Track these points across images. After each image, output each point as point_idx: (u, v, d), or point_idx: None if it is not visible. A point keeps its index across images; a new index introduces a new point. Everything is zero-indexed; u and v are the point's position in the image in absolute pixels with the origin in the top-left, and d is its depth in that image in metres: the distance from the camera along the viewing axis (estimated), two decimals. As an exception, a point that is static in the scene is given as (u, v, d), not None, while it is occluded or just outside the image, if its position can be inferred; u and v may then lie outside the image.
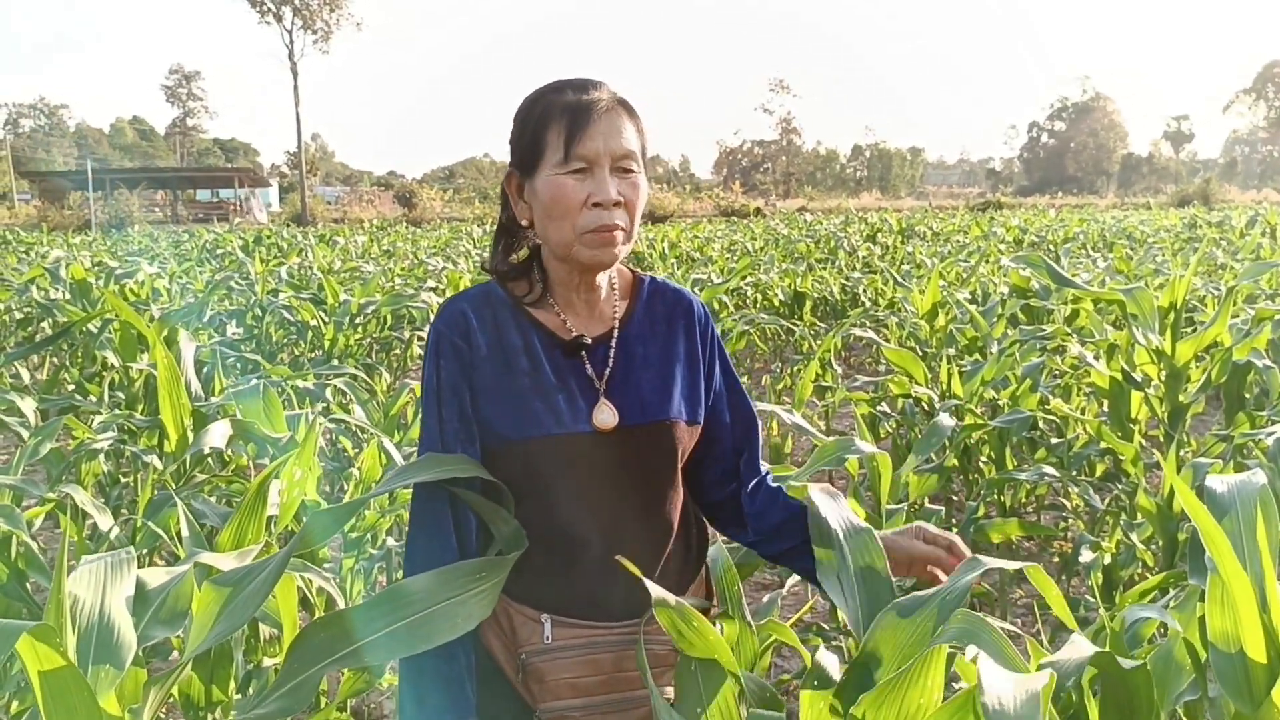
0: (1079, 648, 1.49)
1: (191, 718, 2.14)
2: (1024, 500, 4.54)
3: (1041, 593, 1.82)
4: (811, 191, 76.52)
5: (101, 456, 4.28)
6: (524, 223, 1.58)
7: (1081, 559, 3.28)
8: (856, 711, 1.31)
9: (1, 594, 3.07)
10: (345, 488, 3.82)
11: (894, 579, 1.51)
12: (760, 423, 1.78)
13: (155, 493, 3.38)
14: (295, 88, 52.04)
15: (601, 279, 1.60)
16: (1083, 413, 4.66)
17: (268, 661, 2.59)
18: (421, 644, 1.42)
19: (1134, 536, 3.36)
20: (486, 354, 1.54)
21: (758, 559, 2.04)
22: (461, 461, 1.50)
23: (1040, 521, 4.53)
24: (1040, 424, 4.52)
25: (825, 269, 11.49)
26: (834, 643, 3.15)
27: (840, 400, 4.97)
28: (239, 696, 2.33)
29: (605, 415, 1.54)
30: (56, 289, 6.77)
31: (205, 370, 5.14)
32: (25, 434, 4.19)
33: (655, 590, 1.32)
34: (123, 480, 4.74)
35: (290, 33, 51.40)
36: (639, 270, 1.71)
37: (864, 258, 13.03)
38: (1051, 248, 12.87)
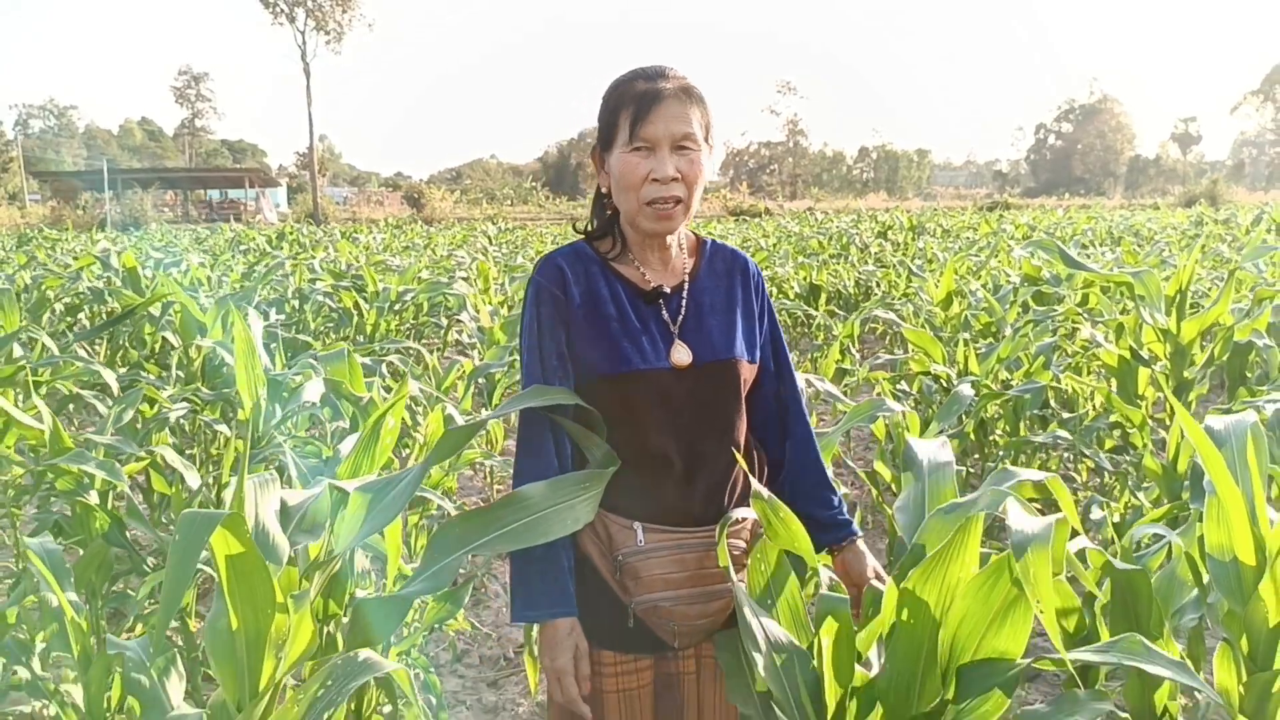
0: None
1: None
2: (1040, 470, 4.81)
3: (1058, 500, 2.11)
4: (818, 193, 76.63)
5: (167, 430, 4.57)
6: (604, 190, 1.88)
7: (1092, 516, 3.54)
8: (908, 585, 1.59)
9: (105, 541, 3.36)
10: (407, 453, 4.11)
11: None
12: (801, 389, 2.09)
13: (237, 455, 3.67)
14: (308, 88, 52.41)
15: (670, 239, 1.88)
16: (1092, 392, 4.93)
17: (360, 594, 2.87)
18: (538, 539, 1.71)
19: (1142, 497, 3.63)
20: (580, 302, 1.83)
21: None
22: (562, 393, 1.79)
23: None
24: (1052, 401, 4.79)
25: (839, 264, 11.76)
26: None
27: (861, 381, 5.23)
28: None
29: (681, 354, 1.83)
30: (109, 276, 7.07)
31: (270, 348, 5.44)
32: (99, 405, 4.48)
33: (756, 485, 1.61)
34: (186, 453, 5.03)
35: (303, 34, 51.76)
36: (699, 233, 2.00)
37: (876, 253, 13.30)
38: (1061, 243, 13.12)
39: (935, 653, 1.57)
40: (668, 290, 1.88)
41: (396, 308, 6.89)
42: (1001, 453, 3.91)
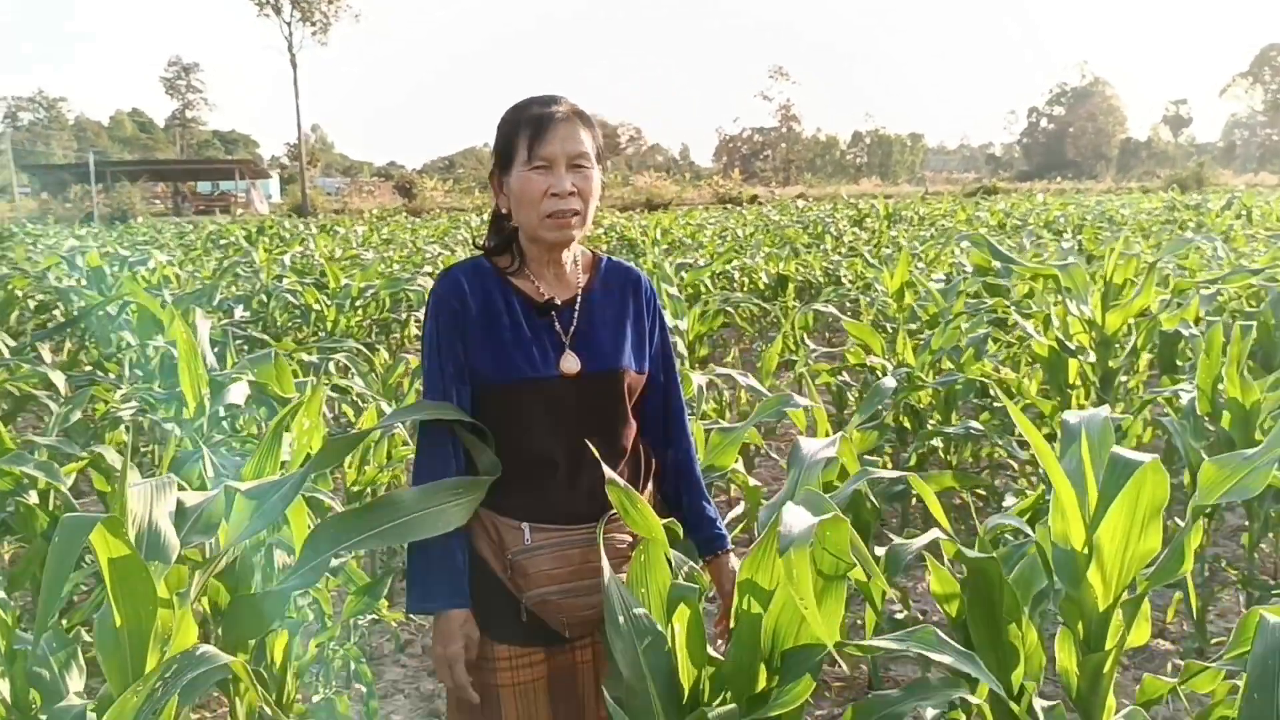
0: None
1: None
2: (971, 460, 4.94)
3: (925, 500, 2.23)
4: (811, 178, 76.54)
5: (123, 427, 4.68)
6: (504, 210, 2.00)
7: (1005, 504, 3.67)
8: (741, 575, 1.72)
9: (42, 539, 3.48)
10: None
11: None
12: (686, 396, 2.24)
13: (178, 453, 3.78)
14: (295, 80, 52.32)
15: (566, 255, 2.01)
16: (1026, 380, 5.05)
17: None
18: (408, 539, 1.84)
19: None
20: (476, 313, 1.96)
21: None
22: (446, 407, 1.93)
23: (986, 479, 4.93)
24: (990, 390, 4.90)
25: (811, 253, 11.87)
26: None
27: (807, 372, 5.35)
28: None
29: (570, 363, 1.96)
30: (72, 276, 7.17)
31: (217, 348, 5.54)
32: (53, 405, 4.59)
33: (610, 474, 1.72)
34: (142, 450, 5.14)
35: (289, 25, 51.67)
36: (598, 251, 2.14)
37: (849, 242, 13.41)
38: (1031, 230, 13.22)
39: (758, 639, 1.69)
40: (558, 303, 2.00)
41: (358, 304, 7.02)
42: (914, 444, 4.02)
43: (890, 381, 3.99)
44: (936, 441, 4.77)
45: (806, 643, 1.68)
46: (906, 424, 4.82)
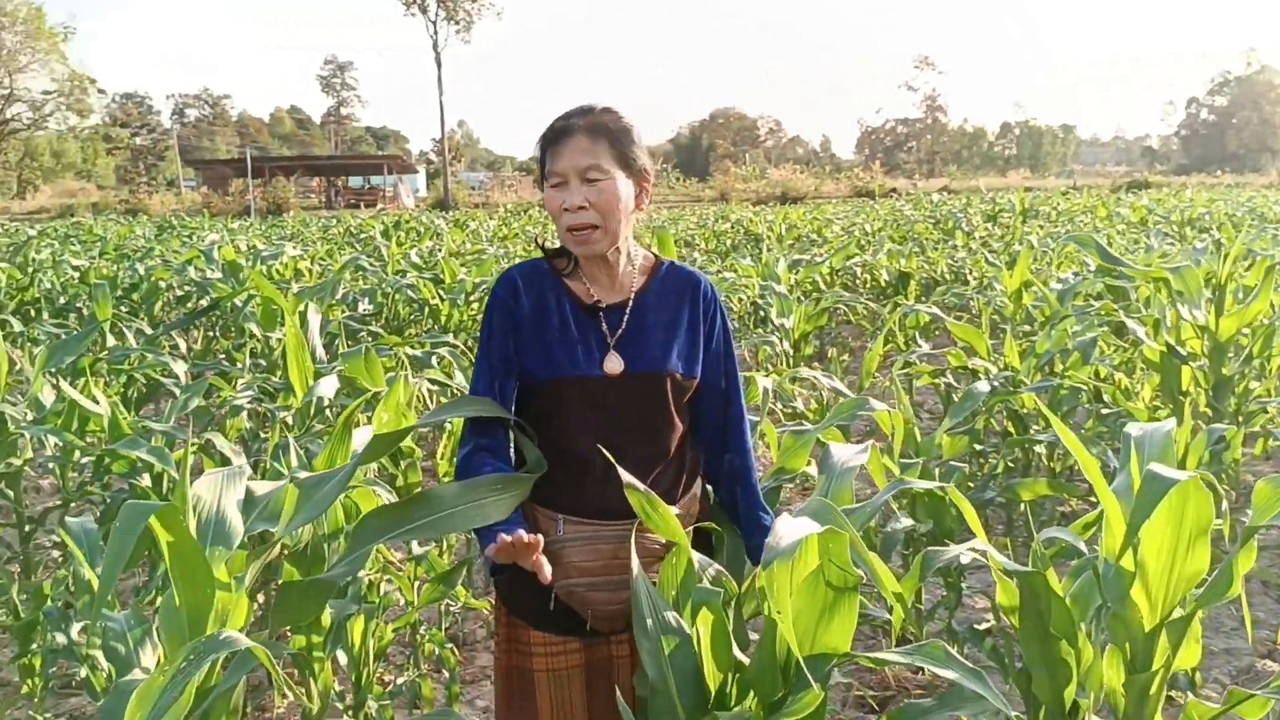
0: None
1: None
2: (1074, 466, 4.79)
3: (962, 511, 2.20)
4: (955, 171, 74.65)
5: (245, 414, 4.93)
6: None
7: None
8: (761, 581, 1.73)
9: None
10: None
11: None
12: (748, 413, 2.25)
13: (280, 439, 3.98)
14: (439, 77, 53.72)
15: (620, 259, 2.05)
16: (1140, 386, 4.87)
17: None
18: (448, 532, 1.91)
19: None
20: (528, 312, 2.03)
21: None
22: (488, 403, 2.00)
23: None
24: (1103, 396, 4.74)
25: (939, 250, 11.62)
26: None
27: (897, 374, 5.27)
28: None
29: (613, 363, 2.01)
30: (211, 269, 7.56)
31: (335, 341, 5.77)
32: (178, 392, 4.87)
33: (626, 476, 1.73)
34: (263, 436, 5.40)
35: (435, 24, 53.05)
36: (660, 255, 2.18)
37: (982, 238, 13.08)
38: (1175, 227, 12.65)
39: (774, 645, 1.70)
40: (604, 305, 2.05)
41: (473, 299, 7.20)
42: (1004, 452, 3.93)
43: (983, 385, 3.91)
44: (1041, 448, 4.64)
45: (820, 652, 1.68)
46: (1011, 429, 4.71)
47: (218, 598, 1.88)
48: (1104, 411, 4.51)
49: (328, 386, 3.32)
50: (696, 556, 1.94)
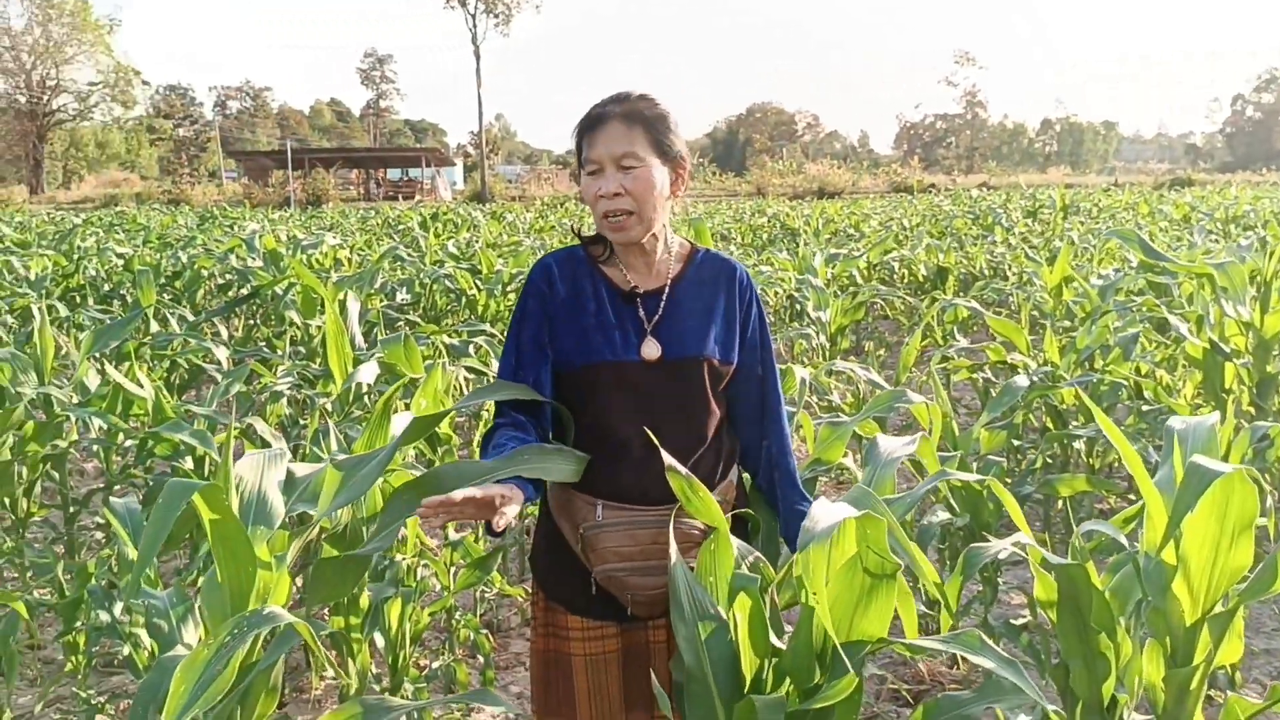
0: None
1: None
2: (1116, 463, 4.74)
3: (1006, 507, 2.19)
4: (995, 167, 73.99)
5: (285, 400, 4.99)
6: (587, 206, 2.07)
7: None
8: (797, 569, 1.73)
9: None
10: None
11: None
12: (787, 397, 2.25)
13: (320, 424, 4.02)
14: (477, 70, 53.86)
15: (657, 246, 2.06)
16: (1182, 383, 4.81)
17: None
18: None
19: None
20: (563, 298, 2.04)
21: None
22: (522, 388, 2.01)
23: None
24: (1143, 392, 4.69)
25: (978, 245, 11.54)
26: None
27: (936, 368, 5.24)
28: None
29: (650, 349, 2.02)
30: (252, 257, 7.65)
31: (374, 329, 5.82)
32: (220, 378, 4.93)
33: (668, 459, 1.73)
34: (302, 422, 5.46)
35: (474, 16, 53.22)
36: (696, 243, 2.18)
37: (1021, 234, 12.96)
38: (1219, 225, 12.48)
39: (811, 630, 1.70)
40: (641, 291, 2.06)
41: (509, 289, 7.23)
42: (1042, 447, 3.89)
43: (1022, 380, 3.88)
44: (1080, 444, 4.60)
45: (856, 638, 1.68)
46: (1050, 425, 4.67)
47: (259, 576, 1.90)
48: (1145, 408, 4.47)
49: (367, 373, 3.36)
50: (735, 542, 1.95)
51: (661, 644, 2.09)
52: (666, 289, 2.06)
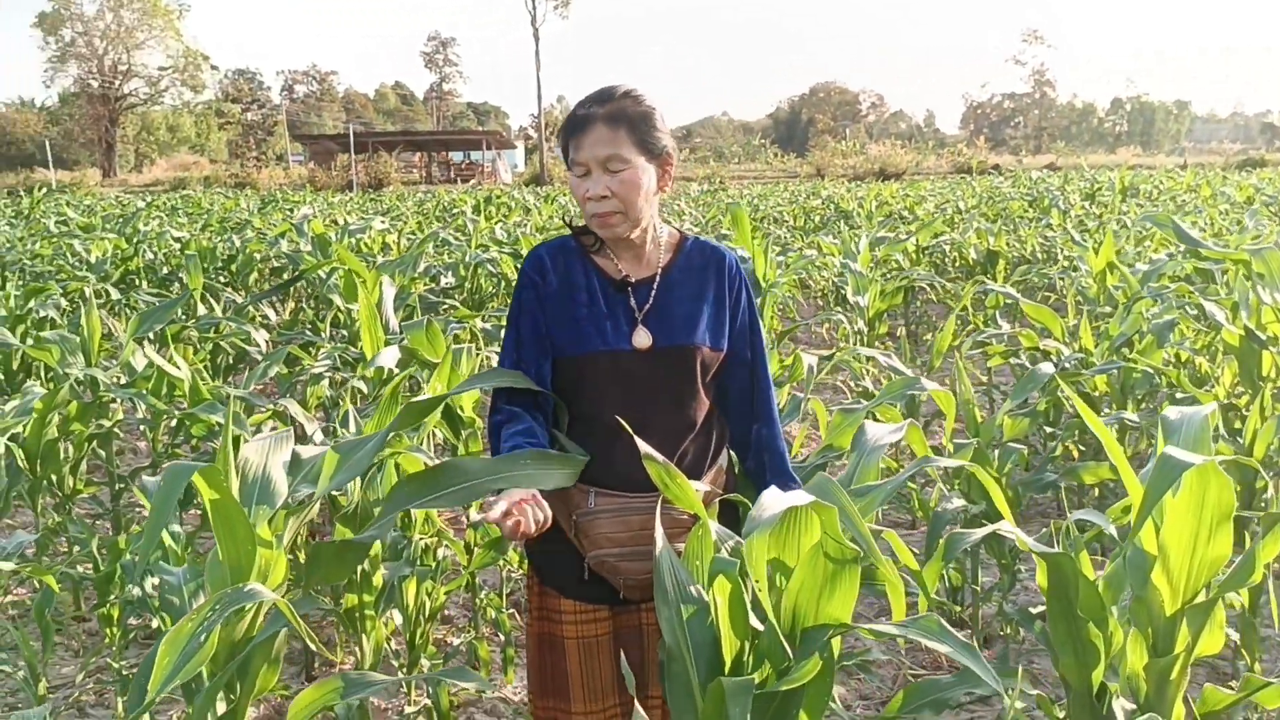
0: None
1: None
2: (1145, 450, 4.69)
3: (987, 489, 2.20)
4: (1063, 147, 72.57)
5: (326, 382, 5.10)
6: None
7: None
8: (770, 554, 1.77)
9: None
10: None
11: None
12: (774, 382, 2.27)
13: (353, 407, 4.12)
14: (536, 52, 54.13)
15: (645, 237, 2.10)
16: (1222, 371, 4.74)
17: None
18: (472, 500, 1.99)
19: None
20: (555, 289, 2.09)
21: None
22: (519, 375, 2.07)
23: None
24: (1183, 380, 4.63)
25: (1032, 228, 11.37)
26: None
27: (985, 353, 5.21)
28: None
29: (641, 337, 2.06)
30: (302, 242, 7.80)
31: (415, 313, 5.91)
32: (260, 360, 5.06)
33: (644, 448, 1.77)
34: (342, 405, 5.58)
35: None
36: (685, 231, 2.22)
37: (1078, 217, 12.74)
38: (1255, 210, 12.13)
39: (779, 615, 1.74)
40: (633, 281, 2.10)
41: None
42: (1063, 435, 3.86)
43: (1047, 367, 3.85)
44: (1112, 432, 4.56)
45: (821, 623, 1.72)
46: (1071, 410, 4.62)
47: (259, 554, 1.98)
48: (1179, 396, 4.41)
49: (388, 356, 3.44)
50: (715, 527, 1.99)
51: (654, 625, 2.14)
52: (657, 278, 2.10)
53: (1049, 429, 4.57)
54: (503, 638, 3.58)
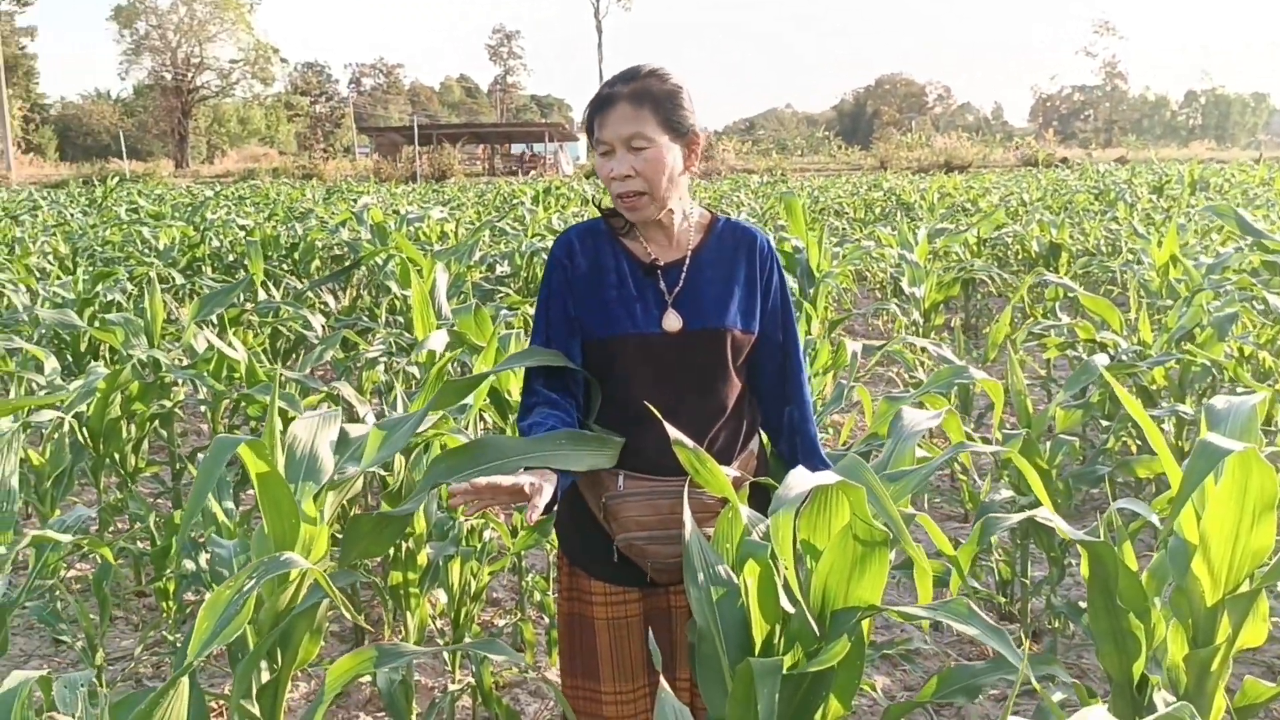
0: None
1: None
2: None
3: (1026, 477, 2.18)
4: (1135, 140, 71.00)
5: (381, 367, 5.19)
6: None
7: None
8: (800, 534, 1.78)
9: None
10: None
11: None
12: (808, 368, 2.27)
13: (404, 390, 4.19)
14: (599, 45, 54.23)
15: (676, 218, 2.09)
16: (1283, 364, 4.64)
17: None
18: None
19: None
20: (585, 271, 2.09)
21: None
22: (554, 354, 2.07)
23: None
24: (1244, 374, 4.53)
25: (1097, 221, 11.17)
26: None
27: (1043, 344, 5.14)
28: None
29: (672, 321, 2.06)
30: (361, 230, 7.92)
31: (469, 301, 5.97)
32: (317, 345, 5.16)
33: (674, 433, 1.78)
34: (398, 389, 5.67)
35: (597, -9, 53.49)
36: (716, 212, 2.21)
37: (1145, 210, 12.49)
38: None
39: (809, 596, 1.74)
40: (662, 264, 2.10)
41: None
42: (1117, 428, 3.79)
43: (1101, 359, 3.79)
44: (1169, 425, 4.48)
45: (851, 605, 1.72)
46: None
47: (303, 529, 2.02)
48: (1239, 390, 4.32)
49: (437, 340, 3.48)
50: (746, 511, 2.00)
51: (683, 608, 2.14)
52: (687, 260, 2.08)
53: (1105, 422, 4.50)
54: (548, 620, 3.61)
